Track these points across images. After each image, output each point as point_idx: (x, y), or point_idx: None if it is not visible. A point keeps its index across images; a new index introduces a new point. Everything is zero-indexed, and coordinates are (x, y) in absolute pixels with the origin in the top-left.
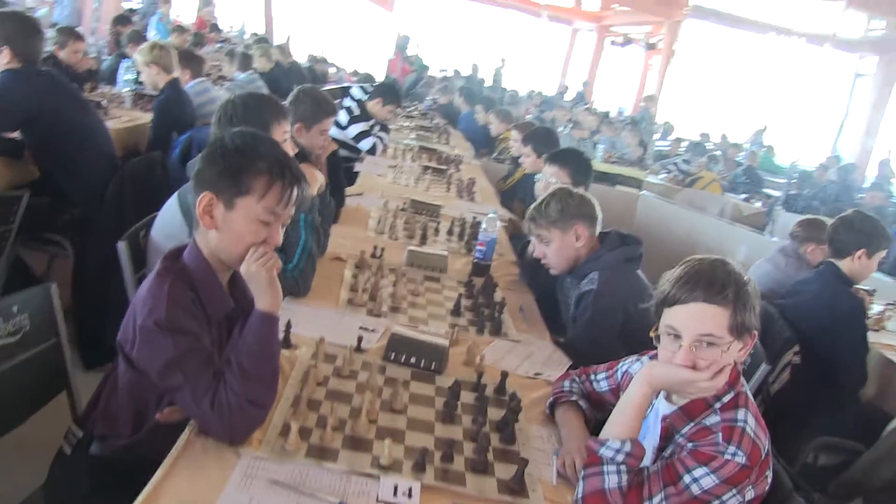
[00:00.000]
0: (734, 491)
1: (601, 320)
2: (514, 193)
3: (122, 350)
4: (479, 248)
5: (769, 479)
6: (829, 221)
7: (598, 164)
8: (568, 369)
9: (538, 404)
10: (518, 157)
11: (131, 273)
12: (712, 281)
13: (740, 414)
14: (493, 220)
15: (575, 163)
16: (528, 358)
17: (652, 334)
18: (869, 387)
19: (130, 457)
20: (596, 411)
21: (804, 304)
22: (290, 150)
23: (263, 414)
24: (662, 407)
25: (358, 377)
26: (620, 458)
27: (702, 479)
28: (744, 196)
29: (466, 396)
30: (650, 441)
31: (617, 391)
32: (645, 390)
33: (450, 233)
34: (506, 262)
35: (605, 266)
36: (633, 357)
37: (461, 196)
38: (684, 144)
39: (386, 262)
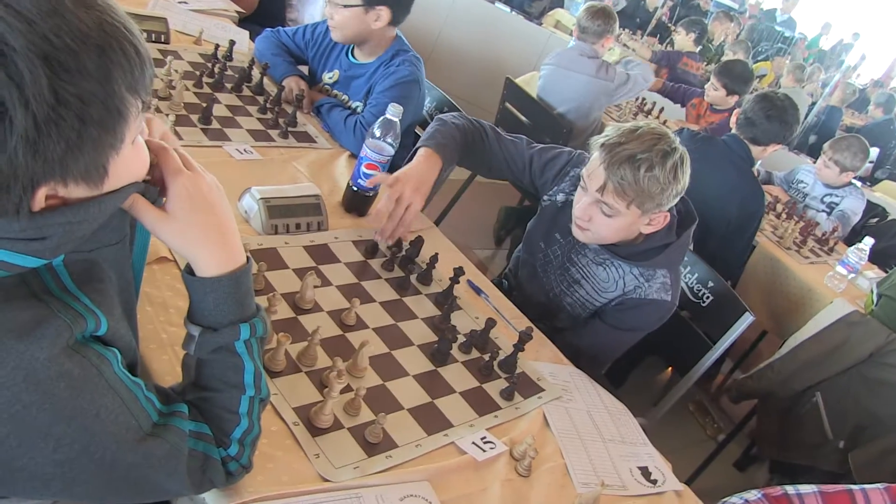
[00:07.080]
0: None
1: (642, 334)
2: None
3: None
4: (366, 171)
5: None
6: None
7: None
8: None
9: None
10: None
11: None
12: None
13: None
14: (391, 122)
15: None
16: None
17: None
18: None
19: None
20: None
21: (715, 193)
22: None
23: None
24: None
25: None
26: None
27: None
28: None
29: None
30: None
31: None
32: None
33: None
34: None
35: (671, 264)
36: None
37: None
38: None
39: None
